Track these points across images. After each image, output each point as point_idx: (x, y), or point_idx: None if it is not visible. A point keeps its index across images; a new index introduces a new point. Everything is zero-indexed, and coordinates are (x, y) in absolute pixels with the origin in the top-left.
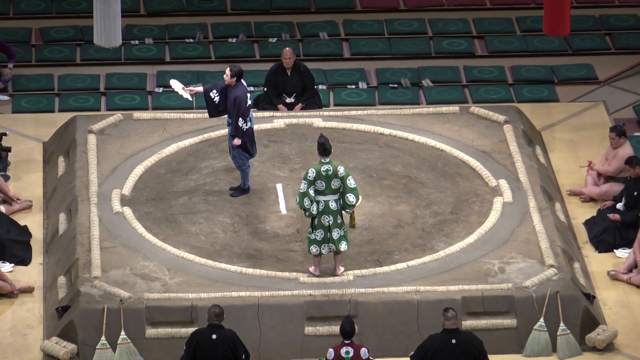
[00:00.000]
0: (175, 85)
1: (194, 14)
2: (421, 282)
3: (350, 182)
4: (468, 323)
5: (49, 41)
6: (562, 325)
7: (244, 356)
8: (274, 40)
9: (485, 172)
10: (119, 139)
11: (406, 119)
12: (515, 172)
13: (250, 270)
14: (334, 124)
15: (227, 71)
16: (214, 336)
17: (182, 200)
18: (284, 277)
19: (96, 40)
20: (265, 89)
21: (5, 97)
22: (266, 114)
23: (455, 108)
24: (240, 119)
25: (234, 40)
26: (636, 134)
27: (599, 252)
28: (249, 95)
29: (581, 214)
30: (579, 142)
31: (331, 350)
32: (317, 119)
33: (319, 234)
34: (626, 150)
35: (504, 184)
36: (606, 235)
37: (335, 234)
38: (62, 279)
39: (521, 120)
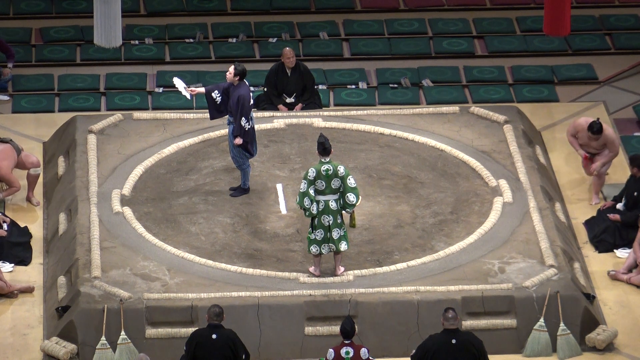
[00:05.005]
0: (178, 83)
1: (194, 14)
2: (421, 282)
3: (351, 181)
4: (468, 323)
5: (49, 41)
6: (562, 325)
7: (244, 356)
8: (274, 40)
9: (485, 172)
10: (119, 139)
11: (406, 119)
12: (515, 172)
13: (250, 270)
14: (334, 124)
15: (231, 69)
16: (214, 336)
17: (182, 200)
18: (284, 277)
19: (96, 40)
20: (265, 89)
21: (5, 97)
22: (266, 114)
23: (455, 108)
24: (243, 118)
25: (234, 40)
26: (636, 134)
27: (599, 252)
28: (251, 94)
29: (581, 214)
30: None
31: (331, 350)
32: (317, 119)
33: (319, 234)
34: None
35: (504, 184)
36: (606, 235)
37: (335, 234)
38: (62, 279)
39: (521, 120)
